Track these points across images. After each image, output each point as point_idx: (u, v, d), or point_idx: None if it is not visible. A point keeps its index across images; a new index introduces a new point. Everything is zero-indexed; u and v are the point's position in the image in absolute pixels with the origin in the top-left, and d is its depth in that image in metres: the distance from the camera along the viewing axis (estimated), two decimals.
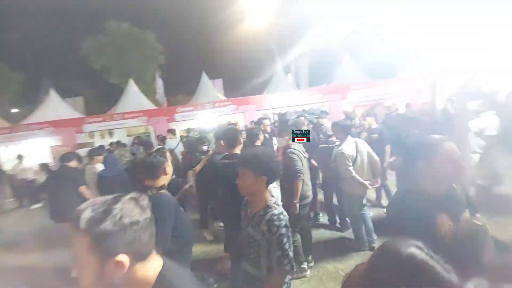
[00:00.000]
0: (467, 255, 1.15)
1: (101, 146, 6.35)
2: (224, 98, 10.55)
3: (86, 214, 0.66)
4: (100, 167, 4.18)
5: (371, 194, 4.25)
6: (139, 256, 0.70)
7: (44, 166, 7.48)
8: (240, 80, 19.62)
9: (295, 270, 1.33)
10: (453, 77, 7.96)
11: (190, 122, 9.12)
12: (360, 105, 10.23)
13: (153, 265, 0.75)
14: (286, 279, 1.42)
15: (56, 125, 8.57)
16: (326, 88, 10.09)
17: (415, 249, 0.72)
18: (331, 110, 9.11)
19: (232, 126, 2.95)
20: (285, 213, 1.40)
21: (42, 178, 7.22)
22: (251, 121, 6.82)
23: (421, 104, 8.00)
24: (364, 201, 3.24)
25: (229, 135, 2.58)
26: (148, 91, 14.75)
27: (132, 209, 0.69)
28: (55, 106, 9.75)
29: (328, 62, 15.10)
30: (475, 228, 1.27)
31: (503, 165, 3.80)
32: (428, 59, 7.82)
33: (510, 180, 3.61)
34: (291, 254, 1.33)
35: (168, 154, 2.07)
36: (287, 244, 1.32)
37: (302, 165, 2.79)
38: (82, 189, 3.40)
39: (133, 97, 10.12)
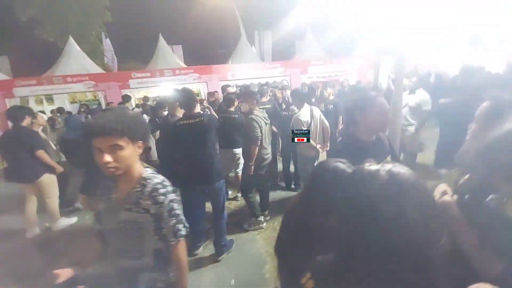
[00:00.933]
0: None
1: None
2: (184, 65, 9.92)
3: None
4: (42, 131, 3.76)
5: (323, 157, 4.76)
6: None
7: None
8: (201, 49, 18.42)
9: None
10: (392, 58, 8.96)
11: (147, 90, 8.46)
12: (318, 80, 10.83)
13: None
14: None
15: None
16: (288, 62, 10.29)
17: (338, 163, 0.94)
18: (292, 83, 9.47)
19: (185, 87, 2.86)
20: (166, 179, 1.22)
21: None
22: (209, 92, 6.64)
23: (367, 82, 8.82)
24: (316, 163, 3.66)
25: (185, 95, 2.53)
26: (94, 53, 12.83)
27: None
28: None
29: (291, 37, 15.14)
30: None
31: (427, 136, 4.59)
32: (375, 40, 8.51)
33: (429, 149, 4.41)
34: (183, 217, 1.21)
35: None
36: (178, 209, 1.18)
37: (261, 131, 2.91)
38: (40, 153, 3.14)
39: (76, 58, 8.76)
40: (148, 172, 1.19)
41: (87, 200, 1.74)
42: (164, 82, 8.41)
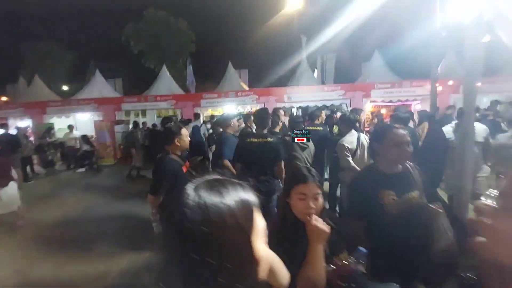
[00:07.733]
0: (415, 233, 1.40)
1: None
2: (247, 88, 10.96)
3: None
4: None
5: None
6: None
7: (85, 138, 8.17)
8: (266, 72, 19.83)
9: None
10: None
11: (213, 109, 9.71)
12: (384, 105, 10.03)
13: None
14: None
15: (98, 102, 9.71)
16: (349, 85, 9.99)
17: None
18: (352, 107, 9.13)
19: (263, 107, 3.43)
20: None
21: (84, 147, 8.16)
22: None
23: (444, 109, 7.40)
24: None
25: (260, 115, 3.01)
26: (179, 77, 15.67)
27: None
28: (98, 85, 10.97)
29: (357, 59, 14.71)
30: (419, 207, 1.49)
31: None
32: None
33: None
34: None
35: (184, 130, 2.49)
36: None
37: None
38: None
39: (165, 81, 10.98)
40: None
41: None
42: (228, 103, 9.50)
